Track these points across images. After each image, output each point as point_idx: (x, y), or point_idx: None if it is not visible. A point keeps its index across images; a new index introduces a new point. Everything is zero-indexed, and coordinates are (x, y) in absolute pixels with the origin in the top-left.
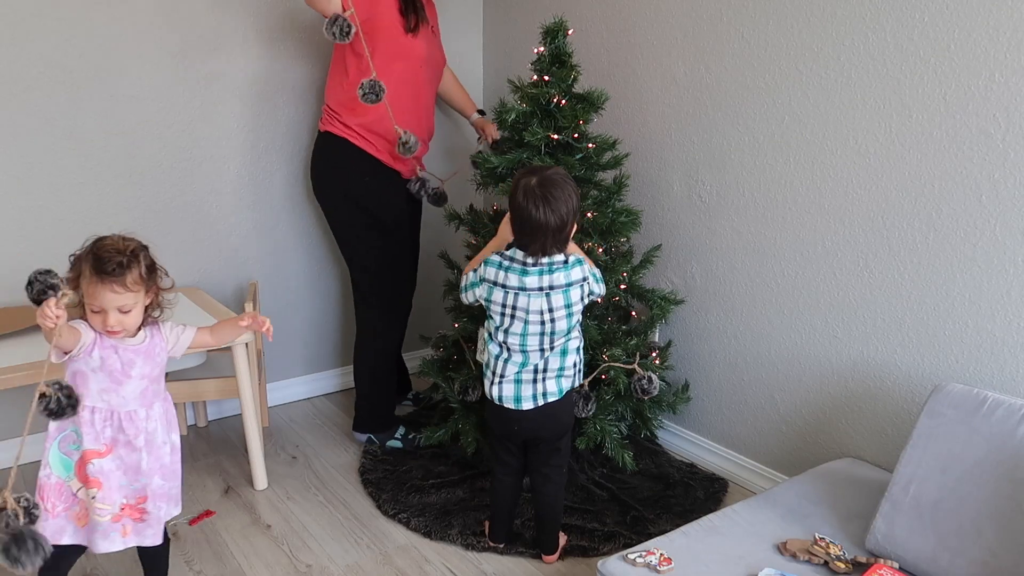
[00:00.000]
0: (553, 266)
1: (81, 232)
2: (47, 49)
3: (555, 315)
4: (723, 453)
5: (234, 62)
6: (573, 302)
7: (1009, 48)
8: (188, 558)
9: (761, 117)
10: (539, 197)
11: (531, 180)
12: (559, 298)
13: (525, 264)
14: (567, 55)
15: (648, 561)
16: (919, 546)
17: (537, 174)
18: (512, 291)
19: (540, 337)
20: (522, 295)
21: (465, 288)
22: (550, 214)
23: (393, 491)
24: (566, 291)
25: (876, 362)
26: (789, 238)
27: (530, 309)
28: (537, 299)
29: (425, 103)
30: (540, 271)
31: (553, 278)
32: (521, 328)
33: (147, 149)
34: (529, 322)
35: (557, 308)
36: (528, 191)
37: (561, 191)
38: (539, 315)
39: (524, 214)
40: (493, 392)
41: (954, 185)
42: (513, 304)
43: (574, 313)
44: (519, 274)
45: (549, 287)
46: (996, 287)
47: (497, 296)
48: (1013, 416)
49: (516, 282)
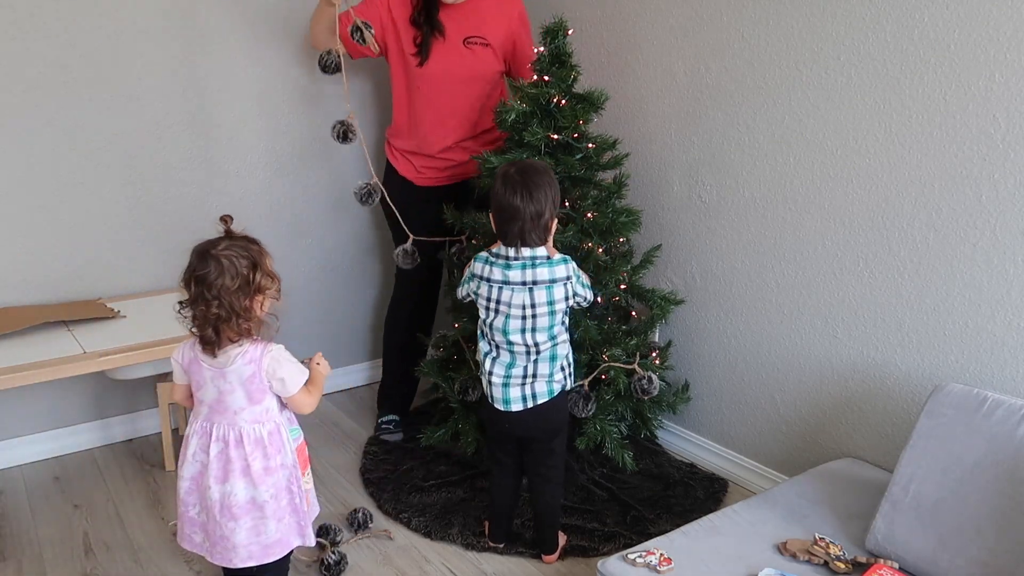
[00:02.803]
0: (536, 261)
1: (81, 232)
2: (47, 49)
3: (537, 311)
4: (723, 453)
5: (235, 62)
6: (556, 299)
7: (1009, 48)
8: (188, 558)
9: (761, 117)
10: (518, 183)
11: (511, 169)
12: (542, 294)
13: (508, 258)
14: (567, 55)
15: (648, 561)
16: (919, 546)
17: (516, 164)
18: (496, 285)
19: (522, 334)
20: (505, 289)
21: (460, 284)
22: (528, 199)
23: (394, 491)
24: (549, 287)
25: (876, 362)
26: (789, 238)
27: (512, 303)
28: (520, 293)
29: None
30: (523, 265)
31: (536, 273)
32: (503, 323)
33: (147, 149)
34: (511, 316)
35: (539, 304)
36: (507, 178)
37: (540, 178)
38: (520, 309)
39: (503, 201)
40: (486, 390)
41: (954, 185)
42: (497, 298)
43: (556, 312)
44: (503, 268)
45: (532, 282)
46: (996, 287)
47: (483, 290)
48: (1013, 416)
49: (500, 276)
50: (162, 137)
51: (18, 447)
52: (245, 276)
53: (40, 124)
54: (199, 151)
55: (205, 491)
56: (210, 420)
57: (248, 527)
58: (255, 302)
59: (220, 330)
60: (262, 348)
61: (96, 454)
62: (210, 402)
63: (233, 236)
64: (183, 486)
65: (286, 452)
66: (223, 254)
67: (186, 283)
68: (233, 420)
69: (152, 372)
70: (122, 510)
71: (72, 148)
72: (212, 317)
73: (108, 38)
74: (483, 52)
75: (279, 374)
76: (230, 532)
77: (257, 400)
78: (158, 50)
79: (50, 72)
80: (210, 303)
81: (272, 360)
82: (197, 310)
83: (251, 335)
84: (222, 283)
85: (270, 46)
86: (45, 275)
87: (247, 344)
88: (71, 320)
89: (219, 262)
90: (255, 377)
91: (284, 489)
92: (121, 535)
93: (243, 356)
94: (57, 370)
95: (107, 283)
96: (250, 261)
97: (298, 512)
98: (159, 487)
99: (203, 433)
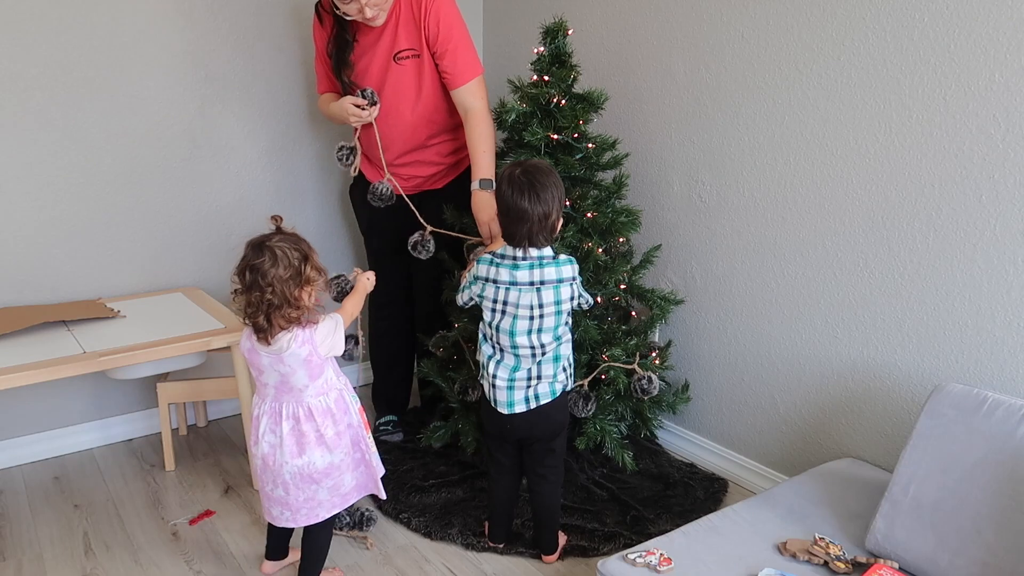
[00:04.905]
0: (543, 261)
1: (81, 232)
2: (47, 49)
3: (544, 311)
4: (723, 453)
5: (235, 62)
6: (563, 299)
7: (1009, 48)
8: (188, 558)
9: (761, 117)
10: (524, 184)
11: (516, 170)
12: (549, 294)
13: (515, 259)
14: (567, 55)
15: (648, 561)
16: (919, 546)
17: (521, 165)
18: (503, 286)
19: (528, 335)
20: (513, 290)
21: (461, 290)
22: (535, 200)
23: (394, 491)
24: (556, 287)
25: (876, 362)
26: (789, 238)
27: (520, 304)
28: (527, 294)
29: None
30: (531, 265)
31: (544, 272)
32: (510, 324)
33: (147, 149)
34: (518, 317)
35: (547, 304)
36: (513, 180)
37: (546, 178)
38: (528, 310)
39: (510, 203)
40: (487, 392)
41: (954, 185)
42: (504, 299)
43: (562, 312)
44: (510, 268)
45: (540, 282)
46: (996, 287)
47: (489, 292)
48: (1013, 416)
49: (507, 276)
50: (162, 137)
51: (18, 447)
52: (296, 267)
53: (40, 124)
54: (199, 151)
55: (281, 467)
56: (278, 400)
57: (329, 486)
58: (304, 292)
59: (272, 317)
60: (311, 330)
61: (96, 454)
62: (275, 384)
63: (284, 232)
64: (256, 464)
65: (352, 413)
66: (277, 246)
67: (240, 272)
68: (300, 397)
69: (152, 372)
70: (122, 510)
71: (72, 148)
72: (265, 304)
73: (109, 38)
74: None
75: (328, 344)
76: (313, 494)
77: (317, 375)
78: (159, 50)
79: (50, 72)
80: (264, 290)
81: (320, 337)
82: (252, 296)
83: (300, 323)
84: (276, 273)
85: (271, 46)
86: (45, 275)
87: (296, 329)
88: (71, 320)
89: (273, 253)
90: (312, 356)
91: (352, 446)
92: (121, 535)
93: (295, 340)
94: (57, 370)
95: (107, 283)
96: (301, 254)
97: (368, 465)
98: (159, 487)
99: (272, 413)
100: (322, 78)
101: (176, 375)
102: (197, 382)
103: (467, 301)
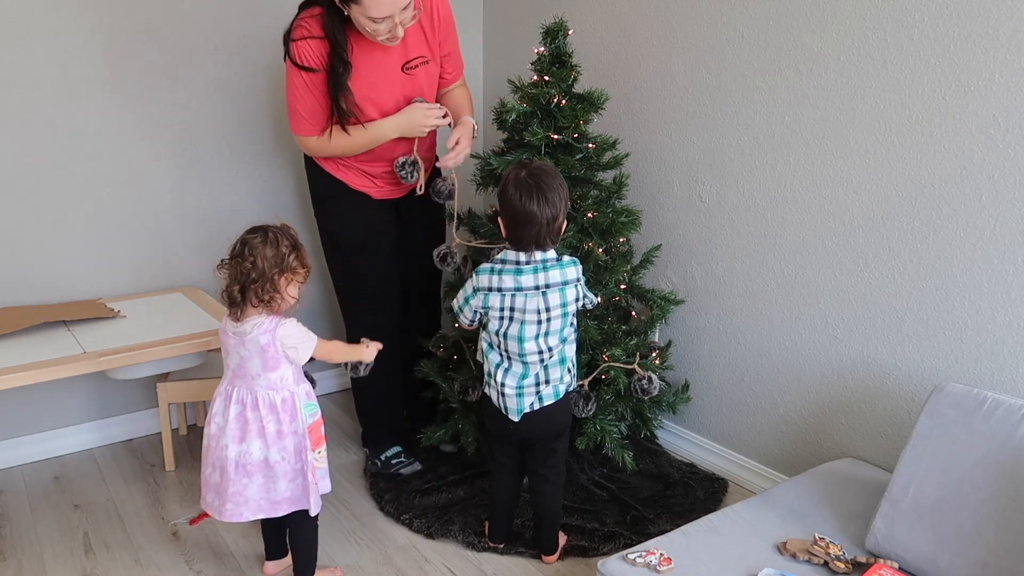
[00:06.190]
0: (547, 263)
1: (81, 232)
2: (48, 49)
3: (551, 314)
4: (723, 453)
5: (234, 62)
6: (569, 301)
7: (1009, 48)
8: (188, 558)
9: (761, 117)
10: (532, 187)
11: (521, 172)
12: (555, 297)
13: (519, 263)
14: (567, 55)
15: (648, 561)
16: (919, 546)
17: (526, 167)
18: (508, 293)
19: (536, 340)
20: (519, 295)
21: (460, 310)
22: (544, 204)
23: (395, 492)
24: (562, 289)
25: (876, 362)
26: (789, 238)
27: (527, 309)
28: (534, 298)
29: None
30: (535, 268)
31: (549, 275)
32: (518, 330)
33: (146, 149)
34: (526, 323)
35: (553, 307)
36: (520, 183)
37: (553, 181)
38: (536, 314)
39: (517, 206)
40: (494, 398)
41: (954, 185)
42: (511, 306)
43: (569, 313)
44: (514, 274)
45: (545, 285)
46: (996, 287)
47: (494, 301)
48: (1013, 416)
49: (512, 283)
50: (162, 137)
51: (18, 447)
52: (283, 253)
53: (40, 124)
54: (199, 152)
55: (222, 450)
56: (232, 384)
57: (259, 484)
58: (283, 278)
59: (247, 290)
60: (276, 321)
61: (96, 454)
62: (233, 367)
63: (286, 227)
64: (203, 444)
65: (298, 421)
66: (272, 230)
67: (232, 246)
68: (251, 385)
69: (152, 372)
70: (122, 510)
71: (72, 148)
72: (244, 273)
73: (109, 38)
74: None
75: (290, 343)
76: (243, 487)
77: (272, 368)
78: (159, 50)
79: (50, 72)
80: (246, 259)
81: (284, 332)
82: (233, 262)
83: (271, 309)
84: (263, 250)
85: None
86: (45, 275)
87: (264, 317)
88: (71, 320)
89: (266, 234)
90: (270, 346)
91: (294, 453)
92: (121, 535)
93: (259, 327)
94: (57, 370)
95: (107, 283)
96: (292, 244)
97: (306, 478)
98: (159, 487)
99: (225, 396)
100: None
101: (176, 375)
102: (197, 382)
103: (472, 319)
